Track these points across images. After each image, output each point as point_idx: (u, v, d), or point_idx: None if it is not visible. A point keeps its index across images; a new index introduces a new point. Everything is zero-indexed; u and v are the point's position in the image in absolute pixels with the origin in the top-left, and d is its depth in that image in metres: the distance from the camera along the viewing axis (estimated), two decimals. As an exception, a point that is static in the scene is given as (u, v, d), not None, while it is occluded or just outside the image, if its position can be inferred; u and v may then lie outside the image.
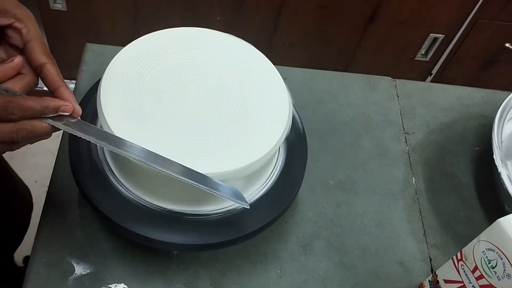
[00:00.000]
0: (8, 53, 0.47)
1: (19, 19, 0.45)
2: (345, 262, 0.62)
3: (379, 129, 0.75)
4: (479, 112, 0.80)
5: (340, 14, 1.31)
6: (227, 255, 0.59)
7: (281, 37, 1.38)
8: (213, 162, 0.49)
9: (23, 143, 0.43)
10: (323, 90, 0.78)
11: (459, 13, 1.31)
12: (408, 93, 0.80)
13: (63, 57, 1.46)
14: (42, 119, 0.43)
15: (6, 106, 0.41)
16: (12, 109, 0.41)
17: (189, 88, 0.54)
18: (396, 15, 1.31)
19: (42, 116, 0.43)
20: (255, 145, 0.51)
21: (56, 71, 0.46)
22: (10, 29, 0.46)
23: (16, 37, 0.46)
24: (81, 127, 0.45)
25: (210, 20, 1.33)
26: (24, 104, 0.41)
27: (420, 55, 1.44)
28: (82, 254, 0.57)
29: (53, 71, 0.45)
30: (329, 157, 0.71)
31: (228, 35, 0.59)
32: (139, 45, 0.56)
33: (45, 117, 0.43)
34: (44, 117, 0.43)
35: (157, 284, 0.56)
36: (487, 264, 0.49)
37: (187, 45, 0.57)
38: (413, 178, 0.71)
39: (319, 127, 0.73)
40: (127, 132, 0.49)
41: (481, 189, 0.71)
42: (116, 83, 0.52)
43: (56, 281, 0.55)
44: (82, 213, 0.59)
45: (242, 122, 0.53)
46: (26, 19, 0.46)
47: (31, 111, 0.42)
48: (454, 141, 0.76)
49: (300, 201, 0.65)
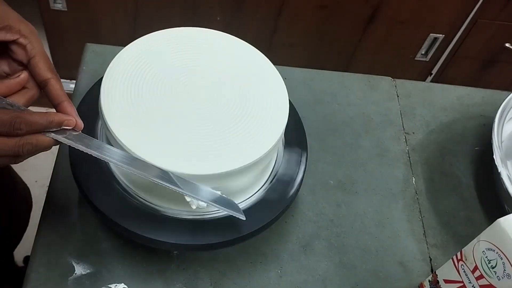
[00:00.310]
0: (11, 67, 0.48)
1: (23, 35, 0.47)
2: (345, 262, 0.62)
3: (379, 129, 0.75)
4: (479, 112, 0.80)
5: (340, 14, 1.31)
6: (227, 255, 0.59)
7: (281, 37, 1.38)
8: (213, 161, 0.49)
9: (26, 157, 0.44)
10: (323, 90, 0.78)
11: (459, 13, 1.31)
12: (408, 93, 0.80)
13: (63, 57, 1.47)
14: (45, 133, 0.44)
15: (13, 121, 0.42)
16: (19, 124, 0.42)
17: (189, 88, 0.54)
18: (396, 15, 1.31)
19: (46, 130, 0.44)
20: (254, 145, 0.51)
21: (59, 86, 0.47)
22: (15, 44, 0.47)
23: (20, 53, 0.47)
24: (83, 141, 0.46)
25: (210, 20, 1.33)
26: (31, 120, 0.43)
27: (420, 55, 1.44)
28: (82, 254, 0.57)
29: (57, 86, 0.47)
30: (329, 157, 0.71)
31: (228, 35, 0.59)
32: (139, 45, 0.56)
33: (48, 131, 0.44)
34: (48, 131, 0.44)
35: (157, 284, 0.56)
36: (487, 264, 0.49)
37: (187, 45, 0.57)
38: (413, 178, 0.71)
39: (319, 127, 0.73)
40: (128, 132, 0.49)
41: (481, 189, 0.71)
42: (117, 83, 0.52)
43: (56, 281, 0.55)
44: (82, 213, 0.59)
45: (241, 122, 0.53)
46: (30, 34, 0.47)
47: (37, 126, 0.43)
48: (454, 141, 0.76)
49: (300, 201, 0.65)
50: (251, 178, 0.54)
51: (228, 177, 0.50)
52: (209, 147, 0.50)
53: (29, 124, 0.42)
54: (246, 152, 0.50)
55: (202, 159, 0.49)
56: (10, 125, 0.42)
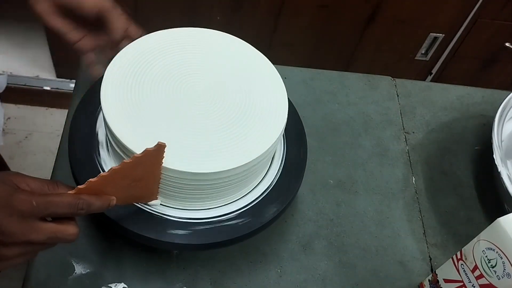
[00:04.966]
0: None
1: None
2: (345, 261, 0.62)
3: (379, 129, 0.75)
4: (479, 111, 0.80)
5: (340, 13, 1.31)
6: (227, 254, 0.59)
7: (281, 37, 1.38)
8: (212, 161, 0.49)
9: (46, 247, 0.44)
10: (323, 90, 0.78)
11: (459, 13, 1.31)
12: (408, 93, 0.80)
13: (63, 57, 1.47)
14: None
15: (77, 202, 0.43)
16: (82, 204, 0.43)
17: (189, 88, 0.54)
18: (396, 15, 1.31)
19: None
20: (254, 144, 0.51)
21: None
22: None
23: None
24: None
25: (210, 20, 1.33)
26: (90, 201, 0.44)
27: (420, 54, 1.44)
28: (82, 253, 0.57)
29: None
30: (329, 156, 0.71)
31: (228, 35, 0.59)
32: (139, 45, 0.56)
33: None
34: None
35: (157, 283, 0.56)
36: (487, 264, 0.49)
37: (187, 45, 0.57)
38: (413, 177, 0.71)
39: (319, 127, 0.73)
40: (128, 132, 0.49)
41: (481, 189, 0.71)
42: (117, 83, 0.52)
43: (56, 280, 0.55)
44: (82, 213, 0.59)
45: (241, 121, 0.53)
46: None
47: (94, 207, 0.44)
48: (454, 141, 0.76)
49: (300, 200, 0.65)
50: (251, 177, 0.54)
51: (227, 177, 0.50)
52: (208, 147, 0.50)
53: (88, 205, 0.43)
54: (245, 152, 0.50)
55: (201, 158, 0.49)
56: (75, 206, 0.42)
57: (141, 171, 0.46)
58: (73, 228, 0.43)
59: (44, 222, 0.41)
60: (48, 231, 0.41)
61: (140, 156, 0.44)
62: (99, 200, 0.44)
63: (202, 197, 0.52)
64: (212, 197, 0.53)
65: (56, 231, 0.42)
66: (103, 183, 0.44)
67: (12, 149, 1.47)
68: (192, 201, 0.53)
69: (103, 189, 0.44)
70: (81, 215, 0.43)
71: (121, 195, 0.46)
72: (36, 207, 0.40)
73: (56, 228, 0.42)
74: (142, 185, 0.48)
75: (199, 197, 0.52)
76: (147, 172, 0.47)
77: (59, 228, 0.42)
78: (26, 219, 0.40)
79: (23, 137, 1.51)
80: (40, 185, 0.43)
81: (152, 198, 0.52)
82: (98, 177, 0.43)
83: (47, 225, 0.41)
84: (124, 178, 0.45)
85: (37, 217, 0.41)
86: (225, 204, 0.54)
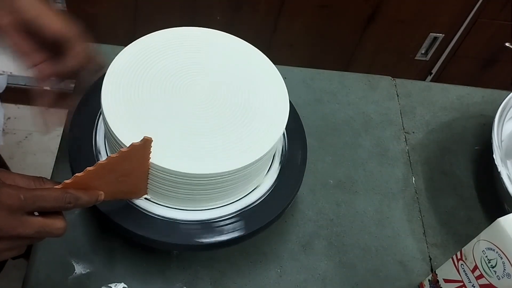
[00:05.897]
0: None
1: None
2: (345, 261, 0.62)
3: (379, 129, 0.75)
4: (479, 111, 0.80)
5: (340, 13, 1.31)
6: (227, 254, 0.59)
7: (281, 37, 1.38)
8: (212, 161, 0.49)
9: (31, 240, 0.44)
10: (323, 90, 0.78)
11: (459, 13, 1.31)
12: (408, 93, 0.80)
13: (63, 57, 1.47)
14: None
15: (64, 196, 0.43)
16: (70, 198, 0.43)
17: (189, 88, 0.54)
18: (396, 15, 1.31)
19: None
20: (254, 145, 0.51)
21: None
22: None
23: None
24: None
25: (210, 20, 1.33)
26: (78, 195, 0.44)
27: (420, 54, 1.44)
28: (82, 254, 0.57)
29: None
30: (329, 156, 0.71)
31: (228, 34, 0.59)
32: (140, 45, 0.56)
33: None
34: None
35: (157, 283, 0.56)
36: (487, 264, 0.49)
37: (187, 45, 0.57)
38: (413, 177, 0.71)
39: (319, 127, 0.73)
40: (128, 131, 0.49)
41: (481, 189, 0.71)
42: (117, 83, 0.52)
43: (56, 280, 0.55)
44: (82, 213, 0.59)
45: (241, 121, 0.53)
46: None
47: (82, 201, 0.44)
48: (454, 141, 0.76)
49: (300, 200, 0.65)
50: (251, 177, 0.54)
51: (227, 177, 0.50)
52: (208, 147, 0.50)
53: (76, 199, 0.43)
54: (246, 152, 0.50)
55: (201, 159, 0.49)
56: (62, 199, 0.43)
57: (128, 166, 0.46)
58: (60, 222, 0.43)
59: (32, 216, 0.41)
60: (36, 225, 0.41)
61: (127, 151, 0.44)
62: (86, 195, 0.44)
63: (204, 197, 0.52)
64: (214, 197, 0.53)
65: (44, 225, 0.42)
66: (90, 177, 0.43)
67: (12, 149, 1.47)
68: (193, 201, 0.53)
69: (91, 184, 0.44)
70: (68, 209, 0.43)
71: (109, 190, 0.46)
72: (23, 201, 0.40)
73: (44, 222, 0.42)
74: (131, 181, 0.48)
75: (200, 198, 0.52)
76: (135, 167, 0.47)
77: (46, 222, 0.42)
78: (14, 213, 0.40)
79: (23, 137, 1.51)
80: (27, 181, 0.43)
81: (141, 194, 0.52)
82: (84, 172, 0.43)
83: (35, 219, 0.41)
84: (112, 172, 0.45)
85: (25, 211, 0.41)
86: (227, 204, 0.54)
